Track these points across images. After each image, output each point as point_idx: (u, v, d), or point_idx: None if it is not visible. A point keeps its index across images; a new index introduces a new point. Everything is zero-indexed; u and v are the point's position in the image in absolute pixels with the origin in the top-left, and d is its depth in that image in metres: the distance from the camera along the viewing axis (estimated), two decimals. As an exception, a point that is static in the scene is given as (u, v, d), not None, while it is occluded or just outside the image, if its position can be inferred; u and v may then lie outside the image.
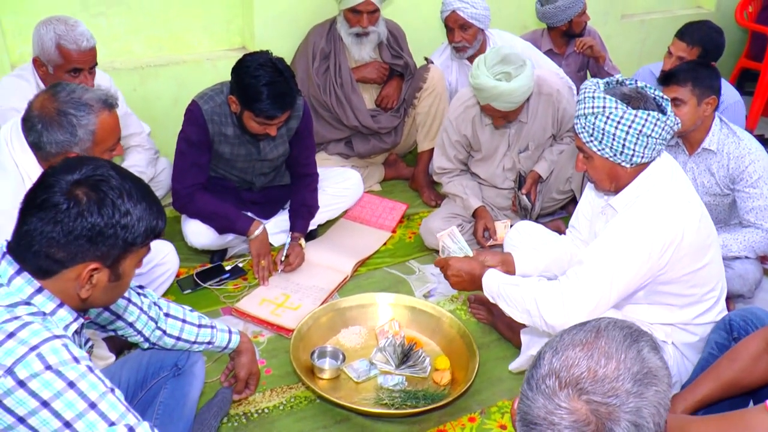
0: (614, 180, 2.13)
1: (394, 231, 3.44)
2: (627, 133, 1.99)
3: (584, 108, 2.05)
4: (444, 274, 2.41)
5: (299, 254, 3.02)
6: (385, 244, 3.34)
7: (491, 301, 2.26)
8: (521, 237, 2.78)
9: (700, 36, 3.27)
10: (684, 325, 2.24)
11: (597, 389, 1.04)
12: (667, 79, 2.76)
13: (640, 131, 1.98)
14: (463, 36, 3.57)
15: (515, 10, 4.39)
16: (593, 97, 2.02)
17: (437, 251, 3.25)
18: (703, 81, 2.70)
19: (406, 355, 2.50)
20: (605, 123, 2.00)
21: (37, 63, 2.54)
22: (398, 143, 3.82)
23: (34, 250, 1.36)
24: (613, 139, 2.01)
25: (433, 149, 3.71)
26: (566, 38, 4.00)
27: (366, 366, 2.48)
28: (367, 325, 2.68)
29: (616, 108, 1.99)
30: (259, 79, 2.55)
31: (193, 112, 2.77)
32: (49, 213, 1.33)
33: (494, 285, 2.23)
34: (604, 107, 2.00)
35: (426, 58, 3.78)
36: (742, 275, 2.80)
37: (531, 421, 1.07)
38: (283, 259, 2.97)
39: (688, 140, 2.84)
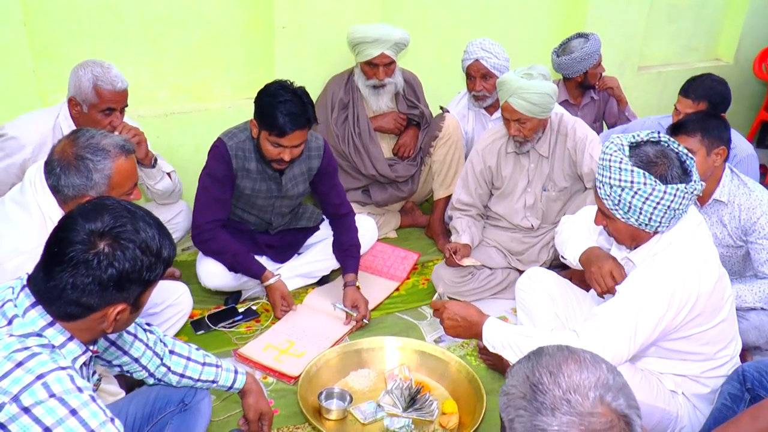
0: (635, 240, 2.13)
1: (407, 277, 3.47)
2: (654, 208, 1.97)
3: (610, 179, 2.00)
4: (439, 317, 2.39)
5: (365, 301, 3.05)
6: (397, 289, 3.37)
7: (491, 350, 2.22)
8: (532, 283, 2.79)
9: (704, 90, 3.27)
10: (695, 377, 2.22)
11: None
12: (676, 129, 2.76)
13: (669, 207, 1.97)
14: (484, 85, 3.65)
15: (532, 60, 4.48)
16: (621, 169, 1.97)
17: (450, 299, 3.28)
18: (712, 131, 2.71)
19: (413, 398, 2.50)
20: (632, 197, 1.98)
21: (72, 102, 2.69)
22: (415, 191, 3.87)
23: (63, 300, 1.43)
24: (640, 213, 2.00)
25: (448, 197, 3.76)
26: (582, 89, 4.06)
27: (373, 408, 2.48)
28: (376, 368, 2.70)
29: (645, 184, 1.95)
30: (275, 97, 2.67)
31: (218, 148, 2.87)
32: (79, 269, 1.40)
33: (497, 334, 2.20)
34: (632, 182, 1.96)
35: (441, 107, 3.86)
36: (757, 327, 2.76)
37: None
38: (355, 314, 2.97)
39: (699, 191, 2.85)
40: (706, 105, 3.26)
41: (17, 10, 2.97)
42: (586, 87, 4.02)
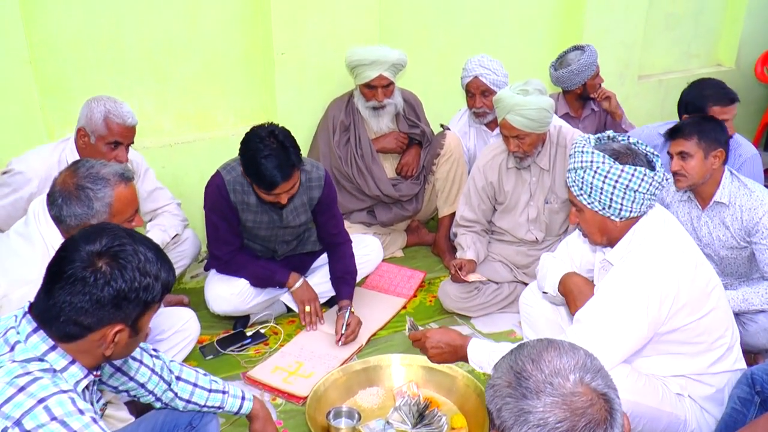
0: (605, 233, 2.17)
1: (414, 295, 3.49)
2: (614, 187, 2.04)
3: (574, 162, 2.11)
4: (421, 347, 2.37)
5: (358, 321, 3.07)
6: (404, 307, 3.38)
7: (478, 370, 2.24)
8: (536, 297, 2.79)
9: (731, 92, 3.24)
10: (698, 375, 2.21)
11: None
12: (673, 133, 2.81)
13: (627, 186, 2.02)
14: (484, 102, 3.67)
15: (531, 74, 4.51)
16: (582, 152, 2.09)
17: (458, 314, 3.30)
18: (709, 134, 2.73)
19: (422, 414, 2.51)
20: (593, 177, 2.06)
21: (81, 133, 2.74)
22: (419, 210, 3.89)
23: (62, 319, 1.45)
24: (601, 193, 2.06)
25: (453, 214, 3.77)
26: (581, 101, 4.07)
27: (382, 425, 2.49)
28: (385, 386, 2.71)
29: (603, 163, 2.04)
30: (257, 153, 2.64)
31: (216, 184, 2.90)
32: (77, 287, 1.43)
33: (482, 354, 2.21)
34: (591, 162, 2.06)
35: (442, 125, 3.89)
36: (767, 329, 2.74)
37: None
38: (344, 331, 2.98)
39: (700, 194, 2.86)
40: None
41: (23, 49, 3.05)
42: (586, 98, 4.04)
